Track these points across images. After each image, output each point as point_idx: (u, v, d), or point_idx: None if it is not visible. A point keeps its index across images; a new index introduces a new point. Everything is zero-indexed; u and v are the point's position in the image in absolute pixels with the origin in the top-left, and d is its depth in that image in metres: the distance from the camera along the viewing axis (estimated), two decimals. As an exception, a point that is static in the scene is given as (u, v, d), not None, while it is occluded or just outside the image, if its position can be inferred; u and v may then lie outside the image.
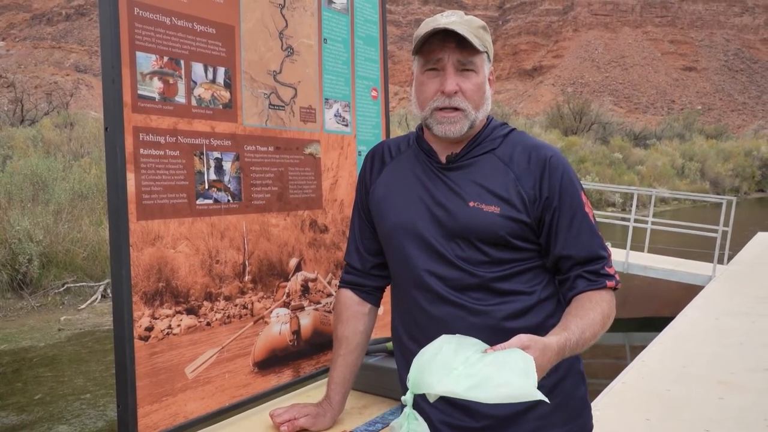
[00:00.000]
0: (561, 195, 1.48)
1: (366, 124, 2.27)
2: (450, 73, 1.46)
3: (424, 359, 1.25)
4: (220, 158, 1.74)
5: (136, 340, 1.54)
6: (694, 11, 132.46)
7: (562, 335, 1.33)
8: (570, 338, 1.33)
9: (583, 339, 1.37)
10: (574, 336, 1.35)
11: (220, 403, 1.75)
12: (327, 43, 2.09)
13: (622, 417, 4.36)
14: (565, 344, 1.32)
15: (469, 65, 1.47)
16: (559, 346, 1.30)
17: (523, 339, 1.24)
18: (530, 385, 1.16)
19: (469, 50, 1.45)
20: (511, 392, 1.15)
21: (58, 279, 9.81)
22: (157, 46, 1.58)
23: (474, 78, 1.48)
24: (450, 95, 1.46)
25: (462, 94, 1.47)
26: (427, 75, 1.50)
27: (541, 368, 1.23)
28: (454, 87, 1.46)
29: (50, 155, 16.49)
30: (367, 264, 1.72)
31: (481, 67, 1.49)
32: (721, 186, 36.93)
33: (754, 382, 5.06)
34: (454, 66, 1.46)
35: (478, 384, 1.16)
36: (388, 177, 1.64)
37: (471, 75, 1.48)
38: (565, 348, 1.32)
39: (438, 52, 1.46)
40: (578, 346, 1.36)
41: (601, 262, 1.49)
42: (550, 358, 1.27)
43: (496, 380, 1.16)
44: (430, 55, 1.48)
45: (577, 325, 1.37)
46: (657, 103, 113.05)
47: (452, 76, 1.46)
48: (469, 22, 1.47)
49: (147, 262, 1.56)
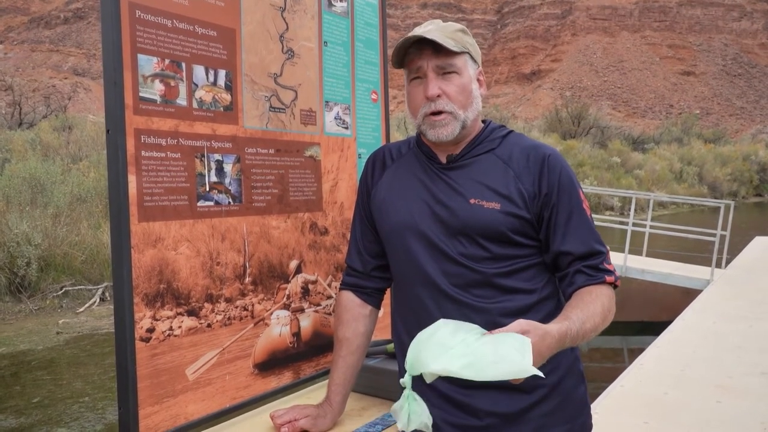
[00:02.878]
0: (559, 192, 1.50)
1: (366, 127, 2.28)
2: (431, 78, 1.50)
3: (421, 339, 1.26)
4: (221, 160, 1.75)
5: (137, 341, 1.55)
6: (693, 16, 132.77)
7: (563, 324, 1.33)
8: (571, 327, 1.34)
9: (584, 330, 1.37)
10: (575, 326, 1.35)
11: (221, 404, 1.75)
12: (327, 46, 2.10)
13: (620, 421, 4.36)
14: (566, 333, 1.32)
15: (449, 68, 1.50)
16: (560, 334, 1.30)
17: (522, 324, 1.25)
18: (525, 362, 1.16)
19: (445, 54, 1.49)
20: (506, 368, 1.16)
21: (57, 282, 9.80)
22: (158, 49, 1.59)
23: (456, 79, 1.51)
24: (433, 99, 1.50)
25: (446, 96, 1.50)
26: (413, 84, 1.54)
27: (540, 354, 1.24)
28: (436, 91, 1.49)
29: (48, 158, 16.49)
30: (368, 266, 1.73)
31: (463, 68, 1.52)
32: (719, 190, 37.00)
33: (751, 386, 5.06)
34: (434, 71, 1.50)
35: (472, 362, 1.18)
36: (390, 179, 1.65)
37: (453, 77, 1.51)
38: (566, 336, 1.32)
39: (417, 61, 1.51)
40: (579, 336, 1.36)
41: (599, 257, 1.51)
42: (549, 345, 1.27)
43: (491, 357, 1.17)
44: (411, 65, 1.53)
45: (577, 315, 1.38)
46: (655, 107, 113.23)
47: (433, 80, 1.50)
48: (444, 28, 1.52)
49: (148, 264, 1.57)
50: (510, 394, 1.49)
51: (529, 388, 1.49)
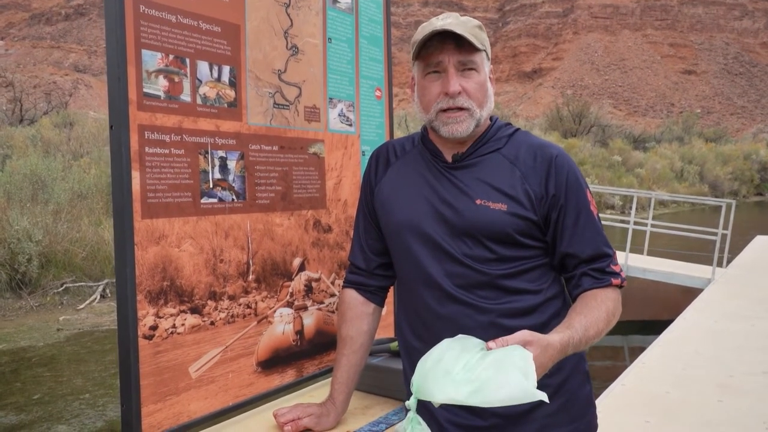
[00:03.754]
0: (567, 193, 1.48)
1: (370, 124, 2.27)
2: (452, 74, 1.47)
3: (426, 366, 1.25)
4: (225, 157, 1.74)
5: (140, 339, 1.54)
6: (694, 15, 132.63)
7: (565, 333, 1.33)
8: (573, 336, 1.34)
9: (587, 337, 1.37)
10: (577, 334, 1.35)
11: (224, 402, 1.75)
12: (332, 42, 2.09)
13: (621, 419, 4.35)
14: (568, 342, 1.32)
15: (470, 64, 1.47)
16: (562, 344, 1.30)
17: (525, 335, 1.25)
18: (530, 386, 1.16)
19: (468, 50, 1.46)
20: (511, 394, 1.16)
21: (57, 279, 9.81)
22: (162, 44, 1.57)
23: (476, 77, 1.49)
24: (454, 96, 1.47)
25: (466, 93, 1.47)
26: (429, 78, 1.50)
27: (543, 366, 1.23)
28: (458, 87, 1.46)
29: (49, 155, 16.48)
30: (371, 264, 1.71)
31: (481, 65, 1.50)
32: (720, 189, 36.98)
33: (753, 385, 5.05)
34: (455, 67, 1.47)
35: (478, 389, 1.17)
36: (394, 177, 1.64)
37: (473, 74, 1.48)
38: (568, 346, 1.32)
39: (437, 55, 1.47)
40: (582, 343, 1.36)
41: (606, 259, 1.49)
42: (551, 356, 1.27)
43: (495, 383, 1.17)
44: (429, 58, 1.48)
45: (580, 323, 1.38)
46: (656, 106, 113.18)
47: (454, 76, 1.47)
48: (465, 23, 1.48)
49: (151, 261, 1.56)
50: None
51: (533, 389, 1.48)
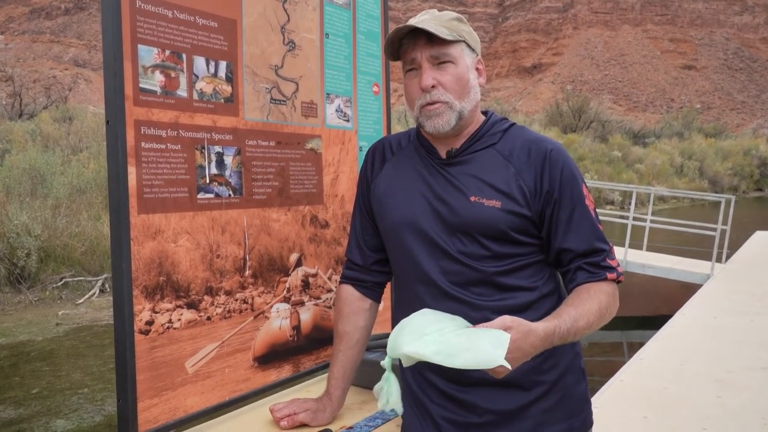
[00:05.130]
0: (561, 188, 1.47)
1: (367, 120, 2.26)
2: (425, 69, 1.47)
3: (402, 324, 1.30)
4: (222, 152, 1.73)
5: (136, 334, 1.54)
6: (694, 10, 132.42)
7: (551, 322, 1.33)
8: (560, 326, 1.33)
9: (576, 328, 1.37)
10: (565, 324, 1.35)
11: (220, 397, 1.75)
12: (329, 38, 2.09)
13: (620, 415, 4.36)
14: (554, 331, 1.32)
15: (443, 57, 1.47)
16: (546, 333, 1.30)
17: (506, 320, 1.26)
18: (497, 354, 1.18)
19: (439, 43, 1.46)
20: (476, 358, 1.18)
21: (56, 273, 9.81)
22: (158, 40, 1.57)
23: (452, 69, 1.48)
24: (428, 90, 1.47)
25: (441, 86, 1.47)
26: (409, 76, 1.51)
27: (522, 350, 1.25)
28: (431, 81, 1.46)
29: (49, 149, 16.47)
30: (368, 260, 1.71)
31: (459, 57, 1.49)
32: (719, 185, 36.96)
33: (751, 380, 5.06)
34: (429, 61, 1.47)
35: (443, 350, 1.20)
36: (390, 173, 1.63)
37: (448, 66, 1.48)
38: (554, 335, 1.32)
39: (411, 52, 1.48)
40: (569, 334, 1.36)
41: (601, 254, 1.49)
42: (533, 343, 1.27)
43: (463, 347, 1.19)
44: (405, 56, 1.50)
45: (569, 314, 1.37)
46: (656, 101, 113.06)
47: (428, 71, 1.47)
48: (439, 17, 1.49)
49: (148, 256, 1.56)
50: (508, 391, 1.47)
51: (528, 386, 1.48)
